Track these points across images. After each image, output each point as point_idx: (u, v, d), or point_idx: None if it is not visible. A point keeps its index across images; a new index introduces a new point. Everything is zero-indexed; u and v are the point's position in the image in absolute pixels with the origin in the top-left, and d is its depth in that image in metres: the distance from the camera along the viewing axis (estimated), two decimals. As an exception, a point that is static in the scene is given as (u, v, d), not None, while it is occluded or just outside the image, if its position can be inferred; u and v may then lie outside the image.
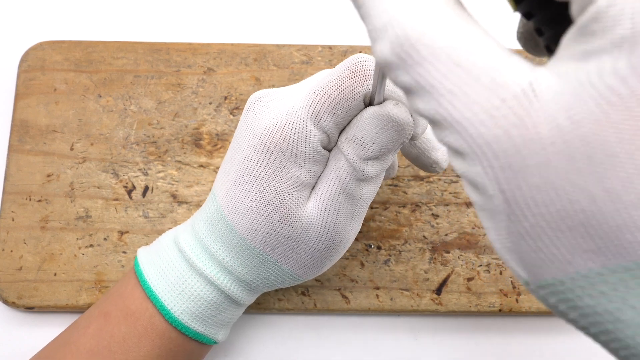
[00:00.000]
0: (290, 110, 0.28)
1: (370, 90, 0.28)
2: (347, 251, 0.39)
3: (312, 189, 0.30)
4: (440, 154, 0.32)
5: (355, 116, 0.29)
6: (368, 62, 0.28)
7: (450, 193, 0.40)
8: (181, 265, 0.31)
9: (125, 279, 0.33)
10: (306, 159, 0.28)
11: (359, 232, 0.39)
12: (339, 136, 0.29)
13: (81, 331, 0.32)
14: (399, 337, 0.39)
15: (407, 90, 0.18)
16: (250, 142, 0.29)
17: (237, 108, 0.41)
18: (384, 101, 0.28)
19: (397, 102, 0.28)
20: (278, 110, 0.28)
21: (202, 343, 0.32)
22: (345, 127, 0.29)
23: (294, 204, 0.29)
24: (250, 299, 0.33)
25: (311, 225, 0.29)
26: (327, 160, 0.30)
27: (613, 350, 0.18)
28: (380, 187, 0.40)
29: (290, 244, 0.30)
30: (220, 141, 0.40)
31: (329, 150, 0.30)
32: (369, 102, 0.29)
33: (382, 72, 0.26)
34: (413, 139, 0.30)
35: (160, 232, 0.39)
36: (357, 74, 0.28)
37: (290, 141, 0.28)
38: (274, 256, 0.30)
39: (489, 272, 0.39)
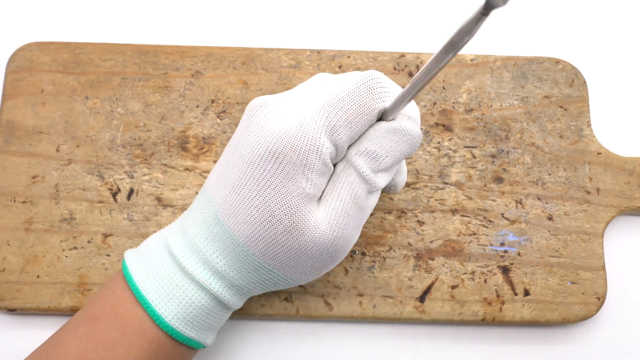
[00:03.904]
0: (302, 122, 0.28)
1: (387, 106, 0.29)
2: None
3: (318, 202, 0.29)
4: (401, 178, 0.33)
5: (366, 130, 0.29)
6: (383, 79, 0.29)
7: (436, 200, 0.40)
8: (171, 269, 0.31)
9: (114, 282, 0.32)
10: (314, 171, 0.28)
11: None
12: (347, 150, 0.30)
13: (69, 334, 0.31)
14: (382, 344, 0.39)
15: None
16: (254, 150, 0.29)
17: (224, 112, 0.41)
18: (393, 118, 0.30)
19: (409, 117, 0.30)
20: (288, 121, 0.28)
21: (191, 348, 0.32)
22: (356, 141, 0.29)
23: (299, 216, 0.29)
24: (240, 303, 0.32)
25: (320, 239, 0.29)
26: (332, 174, 0.30)
27: None
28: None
29: (293, 255, 0.30)
30: (207, 145, 0.40)
31: (334, 164, 0.30)
32: (379, 118, 0.30)
33: (410, 94, 0.27)
34: (392, 191, 0.32)
35: (144, 235, 0.39)
36: (374, 90, 0.29)
37: (301, 152, 0.28)
38: (272, 264, 0.30)
39: (473, 280, 0.38)
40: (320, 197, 0.30)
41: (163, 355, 0.31)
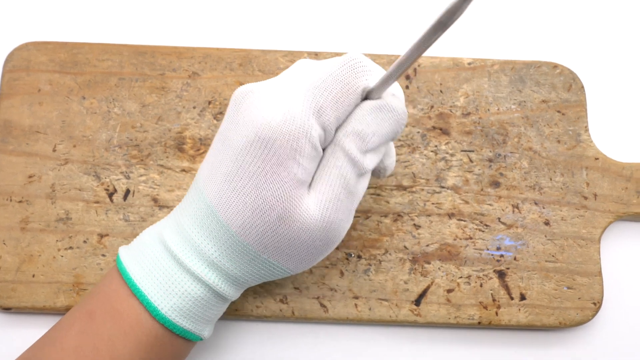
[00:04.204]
0: (290, 106, 0.28)
1: (372, 86, 0.29)
2: (327, 259, 0.38)
3: (308, 188, 0.29)
4: (390, 161, 0.33)
5: (352, 111, 0.30)
6: (364, 60, 0.29)
7: (433, 204, 0.40)
8: (168, 263, 0.31)
9: (108, 278, 0.32)
10: (304, 155, 0.28)
11: (339, 240, 0.39)
12: (335, 133, 0.30)
13: (65, 331, 0.31)
14: (377, 347, 0.39)
15: None
16: (243, 138, 0.28)
17: (221, 113, 0.41)
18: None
19: (393, 94, 0.30)
20: (275, 107, 0.28)
21: (188, 340, 0.32)
22: (342, 123, 0.30)
23: (291, 202, 0.29)
24: (236, 294, 0.32)
25: (312, 225, 0.29)
26: (322, 159, 0.30)
27: None
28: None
29: (287, 242, 0.29)
30: (204, 146, 0.40)
31: (323, 149, 0.30)
32: (364, 97, 0.30)
33: (396, 74, 0.27)
34: (382, 175, 0.33)
35: (140, 236, 0.39)
36: (358, 70, 0.29)
37: (291, 137, 0.28)
38: (266, 253, 0.30)
39: (469, 284, 0.38)
40: (311, 182, 0.30)
41: (160, 347, 0.31)
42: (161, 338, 0.31)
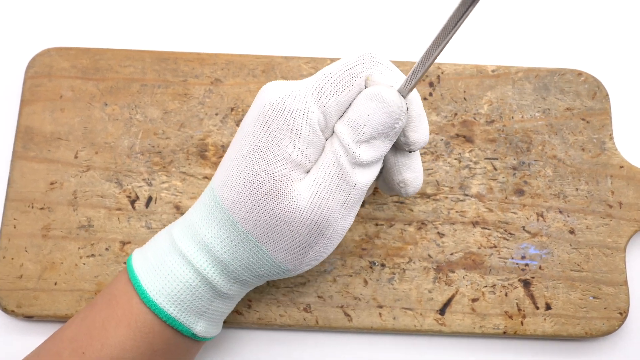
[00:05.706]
0: (294, 89, 0.29)
1: (375, 75, 0.29)
2: (351, 268, 0.38)
3: (306, 174, 0.30)
4: (410, 175, 0.32)
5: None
6: (377, 54, 0.29)
7: (457, 212, 0.39)
8: (164, 245, 0.31)
9: (119, 275, 0.33)
10: (301, 137, 0.29)
11: (363, 249, 0.38)
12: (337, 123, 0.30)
13: (69, 322, 0.32)
14: (402, 356, 0.38)
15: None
16: (250, 118, 0.30)
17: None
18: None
19: (390, 85, 0.29)
20: (283, 89, 0.29)
21: (179, 333, 0.31)
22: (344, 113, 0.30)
23: (282, 181, 0.29)
24: (229, 287, 0.31)
25: (299, 205, 0.29)
26: (324, 147, 0.30)
27: None
28: (385, 204, 0.39)
29: (274, 223, 0.29)
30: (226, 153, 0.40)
31: (326, 139, 0.30)
32: None
33: (418, 76, 0.27)
34: (410, 149, 0.31)
35: (162, 244, 0.38)
36: (364, 59, 0.29)
37: (288, 116, 0.28)
38: (254, 234, 0.30)
39: (494, 293, 0.38)
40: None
41: (150, 335, 0.31)
42: (150, 325, 0.31)
